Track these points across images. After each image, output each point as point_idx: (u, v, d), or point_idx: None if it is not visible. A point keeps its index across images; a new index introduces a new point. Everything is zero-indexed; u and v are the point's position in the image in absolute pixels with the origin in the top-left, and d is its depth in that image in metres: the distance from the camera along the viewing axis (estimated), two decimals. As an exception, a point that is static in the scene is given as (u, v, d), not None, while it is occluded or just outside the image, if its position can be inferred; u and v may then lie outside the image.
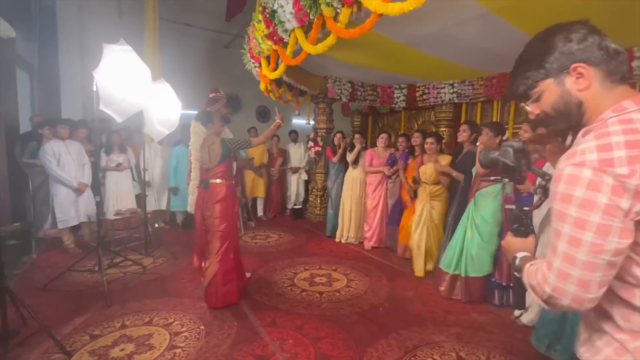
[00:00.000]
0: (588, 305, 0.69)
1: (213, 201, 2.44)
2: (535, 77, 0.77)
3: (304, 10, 2.22)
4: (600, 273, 0.66)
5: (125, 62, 2.55)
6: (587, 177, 0.64)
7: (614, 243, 0.64)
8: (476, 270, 2.66)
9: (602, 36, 0.73)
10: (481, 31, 2.93)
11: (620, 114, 0.69)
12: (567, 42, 0.73)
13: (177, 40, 6.69)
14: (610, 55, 0.72)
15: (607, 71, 0.72)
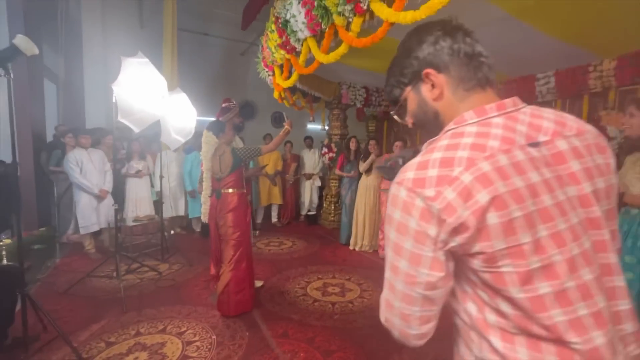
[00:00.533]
0: (415, 342, 0.61)
1: (225, 210, 2.45)
2: (396, 83, 0.70)
3: (315, 20, 2.21)
4: (417, 307, 0.58)
5: (142, 74, 2.63)
6: (403, 198, 0.56)
7: (425, 275, 0.55)
8: None
9: (456, 38, 0.63)
10: (500, 34, 2.83)
11: (456, 127, 0.60)
12: (420, 45, 0.65)
13: (195, 49, 6.86)
14: (461, 60, 0.62)
15: (459, 78, 0.63)
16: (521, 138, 0.56)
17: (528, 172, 0.53)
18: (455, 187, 0.52)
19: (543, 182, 0.53)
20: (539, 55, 3.41)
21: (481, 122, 0.59)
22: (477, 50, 0.63)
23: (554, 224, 0.52)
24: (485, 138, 0.56)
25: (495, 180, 0.51)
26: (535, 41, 2.96)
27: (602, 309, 0.53)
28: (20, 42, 1.75)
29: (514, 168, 0.53)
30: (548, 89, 3.97)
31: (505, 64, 3.70)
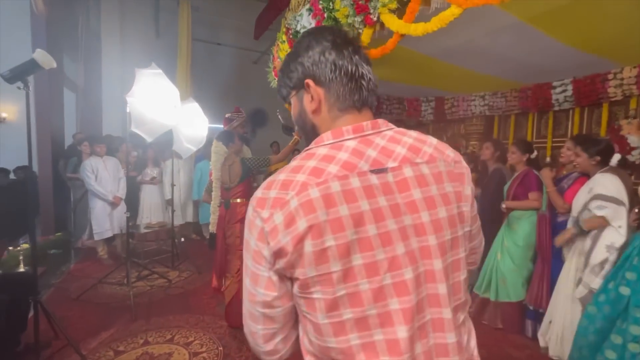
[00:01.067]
0: (267, 358, 0.61)
1: (234, 221, 2.45)
2: (283, 84, 0.66)
3: (325, 31, 2.21)
4: (260, 325, 0.58)
5: (156, 85, 2.68)
6: (249, 216, 0.56)
7: (262, 294, 0.56)
8: (508, 295, 2.47)
9: (343, 53, 0.60)
10: (513, 41, 2.78)
11: (311, 148, 0.59)
12: (307, 51, 0.61)
13: (208, 58, 6.99)
14: (341, 78, 0.59)
15: (336, 96, 0.60)
16: (366, 164, 0.56)
17: (358, 201, 0.53)
18: (284, 212, 0.52)
19: (373, 210, 0.53)
20: (555, 63, 3.32)
21: (334, 145, 0.58)
22: (360, 72, 0.61)
23: (372, 254, 0.52)
24: (327, 162, 0.55)
25: (318, 208, 0.51)
26: (550, 49, 2.89)
27: (400, 339, 0.53)
28: (39, 57, 1.80)
29: (344, 195, 0.52)
30: (565, 97, 3.86)
31: (519, 71, 3.62)
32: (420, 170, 0.58)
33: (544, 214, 2.33)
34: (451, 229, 0.58)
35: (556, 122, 4.27)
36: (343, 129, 0.59)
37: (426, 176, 0.58)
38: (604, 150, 1.97)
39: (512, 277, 2.44)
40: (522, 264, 2.44)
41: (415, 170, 0.58)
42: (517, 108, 4.41)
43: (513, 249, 2.46)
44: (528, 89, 4.18)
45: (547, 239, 2.30)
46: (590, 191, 1.89)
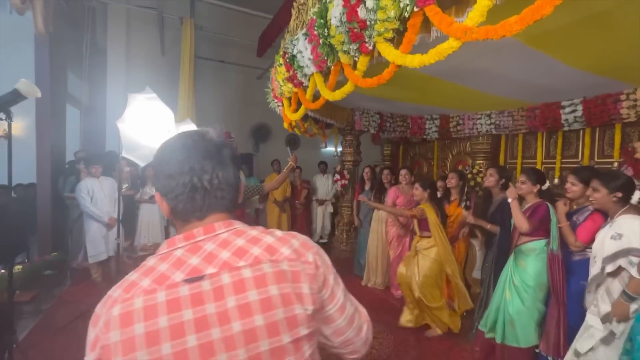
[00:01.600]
0: None
1: None
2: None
3: (321, 57, 2.13)
4: None
5: (148, 109, 2.63)
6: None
7: None
8: (517, 339, 2.27)
9: (196, 171, 0.59)
10: (517, 62, 2.66)
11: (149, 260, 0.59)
12: (162, 166, 0.61)
13: (212, 75, 7.02)
14: (186, 196, 0.60)
15: (177, 210, 0.61)
16: (182, 274, 0.55)
17: (159, 317, 0.50)
18: (94, 330, 0.53)
19: (172, 327, 0.50)
20: (562, 84, 3.19)
21: (162, 255, 0.58)
22: (201, 181, 0.60)
23: None
24: (144, 276, 0.55)
25: (114, 327, 0.50)
26: (556, 71, 2.76)
27: None
28: (23, 87, 1.75)
29: (144, 312, 0.51)
30: (575, 117, 3.71)
31: (525, 91, 3.49)
32: (240, 275, 0.55)
33: (556, 253, 2.15)
34: (271, 337, 0.53)
35: (566, 142, 4.10)
36: (176, 238, 0.60)
37: (246, 280, 0.54)
38: (626, 185, 1.80)
39: (521, 319, 2.25)
40: (533, 305, 2.24)
41: (234, 276, 0.55)
42: (524, 127, 4.26)
43: (523, 289, 2.26)
44: (536, 109, 4.04)
45: (561, 280, 2.12)
46: (619, 237, 1.71)
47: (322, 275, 0.62)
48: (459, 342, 2.74)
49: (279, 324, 0.54)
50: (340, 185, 5.19)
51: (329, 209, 5.75)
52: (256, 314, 0.53)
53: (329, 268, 0.65)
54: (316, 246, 0.66)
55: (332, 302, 0.63)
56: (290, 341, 0.54)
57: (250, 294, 0.54)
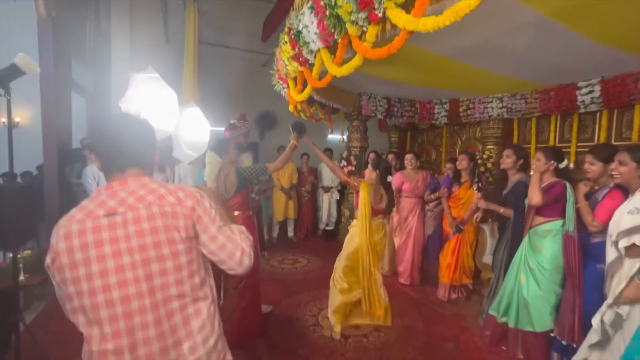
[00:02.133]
0: None
1: None
2: None
3: (328, 30, 2.04)
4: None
5: (152, 90, 2.56)
6: None
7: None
8: (531, 323, 2.20)
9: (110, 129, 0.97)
10: (534, 39, 2.53)
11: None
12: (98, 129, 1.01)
13: (216, 61, 6.93)
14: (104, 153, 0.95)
15: (102, 164, 0.95)
16: (103, 210, 0.87)
17: (87, 235, 0.83)
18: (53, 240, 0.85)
19: (95, 241, 0.83)
20: (581, 62, 3.04)
21: (92, 198, 0.91)
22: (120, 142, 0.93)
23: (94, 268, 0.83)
24: (79, 211, 0.88)
25: (60, 241, 0.83)
26: (576, 47, 2.62)
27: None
28: (21, 61, 1.70)
29: (78, 232, 0.83)
30: (592, 98, 3.56)
31: (540, 71, 3.35)
32: (138, 213, 0.87)
33: (572, 235, 2.06)
34: (156, 249, 0.86)
35: (582, 124, 3.95)
36: (103, 187, 0.93)
37: (141, 216, 0.87)
38: None
39: (537, 303, 2.17)
40: (549, 289, 2.17)
41: (135, 213, 0.87)
42: (538, 110, 4.11)
43: (539, 272, 2.18)
44: (550, 90, 3.89)
45: (577, 263, 2.03)
46: (637, 212, 1.61)
47: (196, 215, 0.93)
48: (469, 327, 2.69)
49: (161, 242, 0.87)
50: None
51: (335, 196, 5.68)
52: (147, 236, 0.86)
53: (206, 211, 0.95)
54: (198, 197, 0.95)
55: (205, 233, 0.94)
56: (169, 252, 0.88)
57: (143, 224, 0.87)
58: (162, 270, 0.86)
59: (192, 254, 0.91)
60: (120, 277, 0.82)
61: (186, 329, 0.89)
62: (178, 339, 0.87)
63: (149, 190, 0.91)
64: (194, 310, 0.91)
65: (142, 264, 0.84)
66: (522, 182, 2.52)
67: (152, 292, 0.84)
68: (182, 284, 0.88)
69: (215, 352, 0.95)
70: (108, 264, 0.82)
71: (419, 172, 3.66)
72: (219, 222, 0.96)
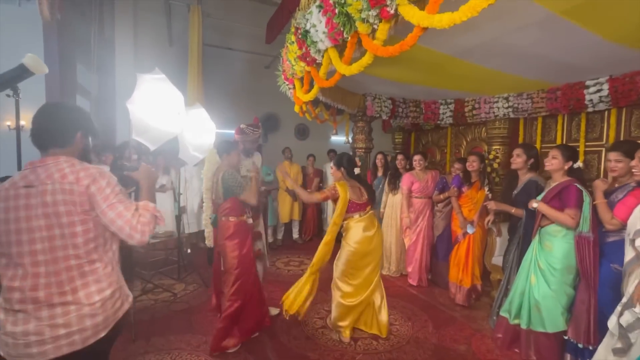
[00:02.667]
0: None
1: (222, 239, 2.27)
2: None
3: (337, 29, 2.02)
4: None
5: (158, 90, 2.55)
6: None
7: None
8: (543, 324, 2.16)
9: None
10: (543, 37, 2.51)
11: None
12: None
13: (219, 63, 6.94)
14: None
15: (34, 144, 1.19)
16: (24, 182, 1.10)
17: (9, 201, 1.08)
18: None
19: (14, 207, 1.08)
20: (590, 61, 3.01)
21: (21, 173, 1.13)
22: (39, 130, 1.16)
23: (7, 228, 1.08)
24: (6, 183, 1.13)
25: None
26: (586, 45, 2.59)
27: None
28: (30, 62, 1.68)
29: (4, 197, 1.09)
30: (600, 97, 3.52)
31: (548, 70, 3.32)
32: (46, 187, 1.08)
33: (586, 235, 2.01)
34: (56, 218, 1.08)
35: (589, 124, 3.92)
36: (28, 162, 1.17)
37: (48, 190, 1.08)
38: None
39: (548, 304, 2.13)
40: (560, 289, 2.13)
41: (44, 187, 1.08)
42: (544, 110, 4.08)
43: (549, 273, 2.14)
44: (557, 90, 3.85)
45: (592, 264, 1.98)
46: None
47: (90, 192, 1.11)
48: (480, 329, 2.65)
49: (60, 213, 1.08)
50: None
51: (340, 197, 5.65)
52: (50, 207, 1.07)
53: (100, 189, 1.12)
54: (96, 176, 1.13)
55: (97, 208, 1.12)
56: (67, 222, 1.09)
57: (49, 197, 1.07)
58: (62, 234, 1.08)
59: (88, 224, 1.11)
60: (31, 236, 1.06)
61: (83, 281, 1.10)
62: (75, 287, 1.09)
63: (57, 169, 1.11)
64: (90, 268, 1.12)
65: (46, 228, 1.07)
66: (533, 181, 2.49)
67: (54, 250, 1.07)
68: (77, 248, 1.10)
69: (111, 301, 1.16)
70: (22, 225, 1.06)
71: (428, 172, 3.63)
72: (112, 199, 1.13)
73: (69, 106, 1.25)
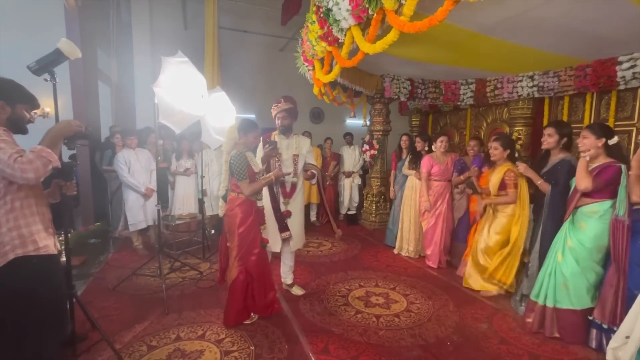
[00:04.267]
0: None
1: (226, 213, 2.37)
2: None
3: (362, 6, 1.99)
4: None
5: (182, 74, 2.59)
6: None
7: None
8: (570, 301, 2.16)
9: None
10: (574, 9, 2.38)
11: None
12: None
13: (236, 47, 6.92)
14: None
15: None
16: None
17: None
18: None
19: None
20: (624, 33, 2.84)
21: None
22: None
23: None
24: None
25: None
26: (621, 14, 2.45)
27: None
28: (64, 46, 1.74)
29: None
30: (634, 73, 3.35)
31: (578, 45, 3.17)
32: None
33: (621, 219, 1.97)
34: None
35: (620, 102, 3.75)
36: None
37: None
38: None
39: (575, 281, 2.13)
40: (588, 266, 2.12)
41: None
42: (572, 88, 3.91)
43: (579, 250, 2.13)
44: (587, 66, 3.69)
45: (625, 248, 1.96)
46: None
47: None
48: (500, 308, 2.67)
49: None
50: (369, 156, 5.07)
51: (356, 180, 5.66)
52: None
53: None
54: None
55: None
56: None
57: None
58: None
59: None
60: None
61: None
62: None
63: None
64: None
65: None
66: (567, 160, 2.41)
67: None
68: None
69: (8, 236, 1.40)
70: None
71: (448, 155, 3.58)
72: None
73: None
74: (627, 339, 1.77)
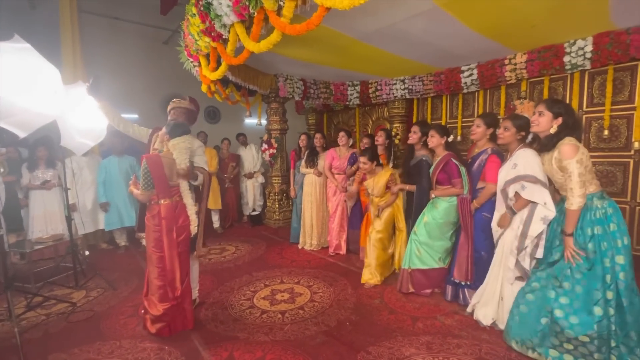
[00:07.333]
0: None
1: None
2: None
3: (242, 3, 1.96)
4: None
5: (24, 63, 2.08)
6: None
7: None
8: (422, 262, 2.72)
9: None
10: (428, 26, 2.90)
11: None
12: None
13: (107, 36, 5.96)
14: None
15: None
16: None
17: None
18: None
19: None
20: (463, 48, 3.58)
21: None
22: None
23: None
24: None
25: None
26: (460, 34, 3.08)
27: None
28: None
29: None
30: (472, 80, 4.23)
31: (433, 56, 3.83)
32: None
33: (465, 196, 2.53)
34: None
35: (465, 103, 4.68)
36: None
37: None
38: (527, 126, 2.10)
39: (424, 248, 2.70)
40: (437, 236, 2.68)
41: None
42: (432, 91, 4.72)
43: (431, 224, 2.68)
44: (441, 73, 4.48)
45: (469, 218, 2.53)
46: (514, 167, 2.07)
47: None
48: (390, 283, 3.04)
49: None
50: (268, 155, 5.07)
51: (259, 179, 5.59)
52: None
53: None
54: None
55: None
56: None
57: None
58: None
59: None
60: None
61: None
62: None
63: None
64: None
65: None
66: (424, 160, 2.91)
67: None
68: None
69: None
70: None
71: (349, 150, 3.85)
72: None
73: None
74: (502, 300, 2.21)
